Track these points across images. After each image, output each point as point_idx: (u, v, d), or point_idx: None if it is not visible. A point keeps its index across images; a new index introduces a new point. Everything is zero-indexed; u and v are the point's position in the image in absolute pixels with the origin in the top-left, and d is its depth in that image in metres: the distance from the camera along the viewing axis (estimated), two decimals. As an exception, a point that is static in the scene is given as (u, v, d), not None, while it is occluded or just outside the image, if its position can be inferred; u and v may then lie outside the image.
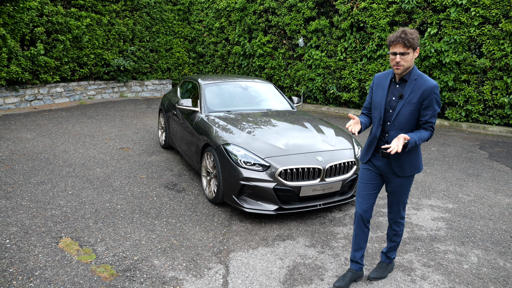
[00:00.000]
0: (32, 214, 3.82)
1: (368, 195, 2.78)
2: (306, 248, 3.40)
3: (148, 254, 3.20)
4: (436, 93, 2.47)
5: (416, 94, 2.49)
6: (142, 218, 3.86)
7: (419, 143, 2.51)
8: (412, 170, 2.65)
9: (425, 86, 2.47)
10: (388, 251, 2.99)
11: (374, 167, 2.77)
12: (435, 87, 2.46)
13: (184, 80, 6.47)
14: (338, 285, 2.81)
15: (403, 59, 2.45)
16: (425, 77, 2.52)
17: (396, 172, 2.65)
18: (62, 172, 5.09)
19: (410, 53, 2.44)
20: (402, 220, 2.88)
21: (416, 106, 2.50)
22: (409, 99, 2.51)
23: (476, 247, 3.50)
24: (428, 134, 2.55)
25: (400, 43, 2.41)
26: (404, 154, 2.60)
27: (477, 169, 5.79)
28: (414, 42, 2.41)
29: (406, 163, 2.63)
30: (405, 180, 2.69)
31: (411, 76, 2.52)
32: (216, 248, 3.35)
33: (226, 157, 3.90)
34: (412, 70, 2.54)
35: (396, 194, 2.76)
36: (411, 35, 2.40)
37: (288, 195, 3.74)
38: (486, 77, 8.33)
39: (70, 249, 3.22)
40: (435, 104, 2.49)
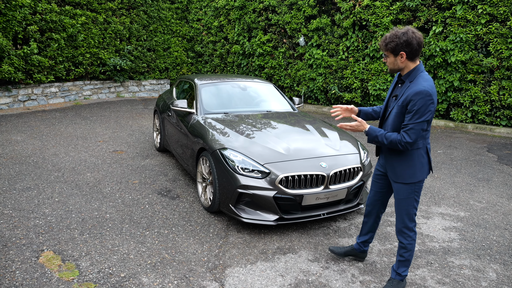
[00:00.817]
0: (14, 224, 3.55)
1: (375, 192, 2.86)
2: (309, 262, 3.12)
3: (136, 270, 2.92)
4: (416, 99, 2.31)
5: (404, 96, 2.42)
6: (132, 228, 3.58)
7: (381, 140, 2.47)
8: (404, 177, 2.53)
9: (412, 90, 2.37)
10: (398, 267, 2.71)
11: (380, 165, 2.78)
12: (419, 93, 2.31)
13: (180, 79, 6.20)
14: (333, 249, 3.12)
15: (387, 60, 2.49)
16: (419, 81, 2.38)
17: (389, 174, 2.63)
18: (50, 177, 4.82)
19: (390, 56, 2.46)
20: (407, 231, 2.62)
21: (401, 110, 2.43)
22: (399, 101, 2.47)
23: (493, 261, 3.23)
24: (396, 136, 2.42)
25: (381, 45, 2.48)
26: (396, 156, 2.55)
27: (487, 173, 5.52)
28: (389, 47, 2.40)
29: (399, 168, 2.55)
30: (402, 186, 2.56)
31: (409, 78, 2.45)
32: (211, 263, 3.07)
33: (223, 163, 3.62)
34: (412, 71, 2.45)
35: (396, 200, 2.64)
36: (388, 39, 2.41)
37: (290, 204, 3.46)
38: (493, 77, 8.06)
39: (51, 264, 2.95)
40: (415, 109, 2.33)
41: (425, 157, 2.52)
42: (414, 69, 2.44)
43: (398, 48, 2.38)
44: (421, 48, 2.40)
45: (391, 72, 2.56)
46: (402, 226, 2.63)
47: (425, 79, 2.38)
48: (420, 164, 2.50)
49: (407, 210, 2.59)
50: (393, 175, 2.59)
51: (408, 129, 2.36)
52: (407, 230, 2.62)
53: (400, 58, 2.42)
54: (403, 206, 2.60)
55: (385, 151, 2.63)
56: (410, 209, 2.59)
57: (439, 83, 8.60)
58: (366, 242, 3.07)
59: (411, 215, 2.60)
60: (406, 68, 2.46)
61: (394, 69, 2.50)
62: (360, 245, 3.08)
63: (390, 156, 2.58)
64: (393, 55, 2.43)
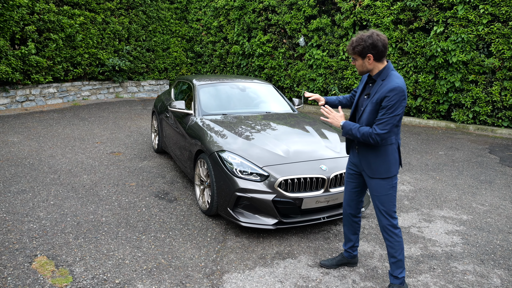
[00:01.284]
0: (7, 228, 3.47)
1: (349, 191, 2.87)
2: (309, 268, 3.05)
3: (131, 276, 2.85)
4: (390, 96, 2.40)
5: (378, 94, 2.50)
6: (128, 232, 3.50)
7: (355, 133, 2.54)
8: (380, 172, 2.59)
9: (385, 88, 2.46)
10: (393, 271, 2.69)
11: (352, 164, 2.81)
12: (393, 90, 2.41)
13: (178, 80, 6.12)
14: (323, 263, 3.03)
15: (355, 63, 2.59)
16: (391, 78, 2.48)
17: (365, 171, 2.65)
18: (46, 179, 4.74)
19: (358, 59, 2.54)
20: (392, 229, 2.63)
21: (375, 107, 2.51)
22: (372, 99, 2.54)
23: (497, 266, 3.15)
24: (367, 130, 2.49)
25: (349, 49, 2.56)
26: (371, 152, 2.60)
27: (489, 175, 5.44)
28: (357, 50, 2.49)
29: (374, 164, 2.60)
30: (379, 182, 2.61)
31: (381, 76, 2.54)
32: (209, 268, 2.99)
33: (221, 165, 3.55)
34: (383, 71, 2.54)
35: (375, 198, 2.66)
36: (354, 43, 2.50)
37: (289, 208, 3.38)
38: (495, 78, 7.98)
39: (44, 270, 2.87)
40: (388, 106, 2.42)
41: (397, 152, 2.62)
42: (384, 68, 2.54)
43: (365, 51, 2.48)
44: (386, 49, 2.50)
45: (361, 74, 2.65)
46: (386, 224, 2.65)
47: (396, 76, 2.49)
48: (394, 159, 2.60)
49: (387, 207, 2.62)
50: (369, 171, 2.64)
51: (381, 123, 2.45)
52: (392, 227, 2.64)
53: (367, 60, 2.52)
54: (383, 203, 2.62)
55: (361, 148, 2.67)
56: (390, 206, 2.62)
57: (440, 83, 8.53)
58: (354, 247, 3.00)
59: (392, 212, 2.63)
60: (375, 68, 2.56)
61: (363, 71, 2.59)
62: (349, 252, 3.02)
63: (366, 153, 2.63)
64: (361, 58, 2.53)
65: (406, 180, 5.21)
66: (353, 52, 2.54)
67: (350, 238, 2.98)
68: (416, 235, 3.66)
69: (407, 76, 9.02)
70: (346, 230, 2.99)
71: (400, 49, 9.11)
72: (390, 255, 2.68)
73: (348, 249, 3.01)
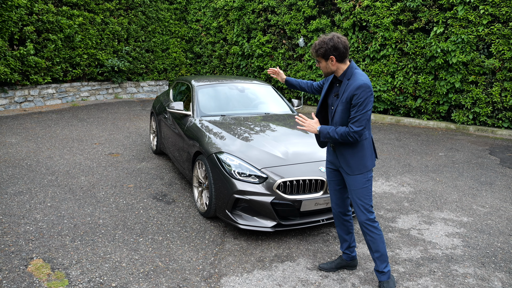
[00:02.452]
0: (3, 231, 3.44)
1: (334, 191, 2.88)
2: (308, 271, 3.01)
3: (128, 279, 2.82)
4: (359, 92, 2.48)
5: (347, 93, 2.56)
6: (125, 235, 3.47)
7: (333, 135, 2.57)
8: (360, 168, 2.65)
9: (353, 86, 2.53)
10: (378, 266, 2.74)
11: (330, 163, 2.86)
12: (360, 87, 2.49)
13: (177, 81, 6.09)
14: (322, 267, 3.02)
15: (319, 65, 2.67)
16: (356, 77, 2.56)
17: (345, 169, 2.69)
18: (43, 181, 4.71)
19: (322, 62, 2.62)
20: (371, 223, 2.69)
21: (346, 105, 2.58)
22: (342, 98, 2.60)
23: (498, 269, 3.12)
24: (344, 130, 2.55)
25: (312, 52, 2.64)
26: (348, 150, 2.65)
27: (489, 177, 5.41)
28: (320, 53, 2.58)
29: (352, 160, 2.65)
30: (355, 178, 2.66)
31: (346, 76, 2.62)
32: (206, 271, 2.96)
33: (219, 167, 3.52)
34: (347, 70, 2.62)
35: (352, 192, 2.71)
36: (317, 46, 2.59)
37: (288, 210, 3.35)
38: (495, 78, 7.95)
39: (40, 273, 2.84)
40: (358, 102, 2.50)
41: (371, 145, 2.71)
42: (348, 68, 2.62)
43: (328, 53, 2.56)
44: (347, 50, 2.58)
45: (326, 76, 2.74)
46: (364, 219, 2.69)
47: (361, 74, 2.57)
48: (370, 153, 2.68)
49: (364, 201, 2.67)
50: (348, 169, 2.68)
51: (355, 121, 2.52)
52: (370, 222, 2.69)
53: (330, 61, 2.59)
54: (361, 196, 2.66)
55: (337, 147, 2.71)
56: (367, 199, 2.68)
57: (440, 84, 8.50)
58: (351, 247, 2.98)
59: (368, 206, 2.68)
60: (339, 69, 2.63)
61: (328, 72, 2.67)
62: (347, 253, 2.99)
63: (343, 151, 2.67)
64: (324, 60, 2.61)
65: (406, 181, 5.18)
66: (316, 55, 2.62)
67: (345, 238, 2.96)
68: (416, 237, 3.63)
69: (407, 77, 8.99)
70: (339, 230, 2.98)
71: (400, 50, 9.08)
72: (374, 250, 2.72)
73: (345, 251, 2.99)
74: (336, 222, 2.97)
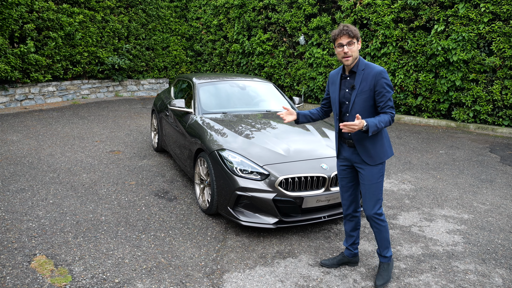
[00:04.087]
0: (6, 227, 3.45)
1: (347, 188, 2.90)
2: (310, 267, 3.03)
3: (131, 275, 2.83)
4: (384, 77, 2.59)
5: (367, 82, 2.61)
6: (127, 231, 3.49)
7: (380, 125, 2.55)
8: (381, 157, 2.70)
9: (373, 73, 2.59)
10: (382, 251, 2.87)
11: (344, 159, 2.86)
12: (382, 72, 2.59)
13: (178, 78, 6.10)
14: (324, 263, 3.03)
15: (350, 49, 2.60)
16: (371, 65, 2.64)
17: (366, 161, 2.69)
18: (45, 178, 4.72)
19: (355, 43, 2.61)
20: (378, 217, 2.76)
21: (369, 94, 2.62)
22: (361, 88, 2.63)
23: (499, 266, 3.13)
24: (388, 116, 2.60)
25: (345, 34, 2.58)
26: (368, 141, 2.67)
27: (490, 174, 5.42)
28: (356, 32, 2.60)
29: (373, 151, 2.68)
30: (374, 168, 2.70)
31: (359, 67, 2.66)
32: (209, 267, 2.98)
33: (221, 164, 3.53)
34: (359, 61, 2.68)
35: (367, 185, 2.73)
36: (352, 26, 2.61)
37: (289, 207, 3.36)
38: (496, 76, 7.96)
39: (43, 269, 2.85)
40: (386, 87, 2.59)
41: (387, 133, 2.78)
42: (360, 58, 2.70)
43: (359, 35, 2.63)
44: None
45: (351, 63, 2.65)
46: (372, 213, 2.74)
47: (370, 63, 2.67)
48: (387, 139, 2.76)
49: (377, 195, 2.72)
50: (369, 159, 2.68)
51: (389, 104, 2.61)
52: (379, 215, 2.75)
53: (359, 45, 2.65)
54: (374, 191, 2.71)
55: (358, 140, 2.69)
56: (379, 193, 2.73)
57: (440, 82, 8.51)
58: (355, 244, 3.02)
59: (379, 200, 2.74)
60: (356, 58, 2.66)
61: (356, 57, 2.65)
62: (350, 249, 3.03)
63: (365, 142, 2.68)
64: (356, 42, 2.63)
65: (407, 179, 5.19)
66: (352, 35, 2.58)
67: (351, 234, 3.00)
68: (417, 234, 3.64)
69: (407, 74, 8.99)
70: (347, 227, 3.01)
71: (400, 48, 9.08)
72: (378, 239, 2.84)
73: (349, 247, 3.02)
74: (345, 219, 3.00)
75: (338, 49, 2.64)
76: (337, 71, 2.86)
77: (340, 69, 2.84)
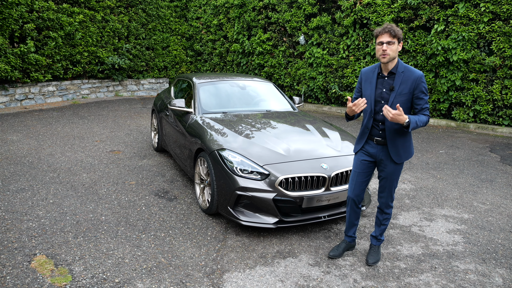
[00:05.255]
0: (6, 227, 3.45)
1: (361, 182, 3.02)
2: (310, 267, 3.03)
3: (131, 275, 2.83)
4: (423, 82, 2.70)
5: (406, 85, 2.70)
6: (127, 231, 3.49)
7: (419, 124, 2.69)
8: (406, 156, 2.86)
9: (414, 77, 2.69)
10: (381, 234, 3.14)
11: (368, 155, 2.95)
12: (422, 77, 2.70)
13: (178, 78, 6.09)
14: (333, 254, 3.16)
15: (389, 48, 2.66)
16: (411, 69, 2.73)
17: (394, 159, 2.82)
18: (45, 178, 4.72)
19: (395, 43, 2.67)
20: (392, 202, 3.06)
21: (408, 96, 2.72)
22: (400, 90, 2.72)
23: (499, 265, 3.13)
24: (426, 118, 2.75)
25: (387, 32, 2.66)
26: (400, 140, 2.80)
27: (490, 174, 5.42)
28: (398, 33, 2.67)
29: (402, 150, 2.82)
30: (399, 166, 2.89)
31: (399, 69, 2.74)
32: (209, 267, 2.98)
33: (221, 164, 3.53)
34: (398, 63, 2.76)
35: (389, 180, 2.92)
36: (396, 27, 2.68)
37: (290, 207, 3.36)
38: (496, 76, 7.96)
39: (43, 269, 2.85)
40: (425, 91, 2.72)
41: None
42: (398, 60, 2.77)
43: (401, 36, 2.70)
44: None
45: (388, 61, 2.70)
46: (390, 201, 3.02)
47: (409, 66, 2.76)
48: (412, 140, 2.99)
49: (394, 188, 2.98)
50: (397, 158, 2.83)
51: (426, 108, 2.73)
52: (392, 201, 3.04)
53: (399, 46, 2.72)
54: (395, 185, 2.96)
55: (391, 138, 2.80)
56: (396, 185, 2.99)
57: (440, 82, 8.51)
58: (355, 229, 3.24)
59: (395, 188, 3.01)
60: (395, 59, 2.75)
61: (394, 57, 2.70)
62: (353, 236, 3.24)
63: (397, 141, 2.80)
64: (397, 42, 2.69)
65: (407, 178, 5.19)
66: (394, 35, 2.64)
67: (355, 223, 3.20)
68: (417, 234, 3.64)
69: (407, 74, 8.98)
70: (352, 217, 3.16)
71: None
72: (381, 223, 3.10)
73: (353, 234, 3.23)
74: (350, 211, 3.15)
75: (378, 46, 2.71)
76: (371, 69, 2.87)
77: (375, 68, 2.85)
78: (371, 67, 2.88)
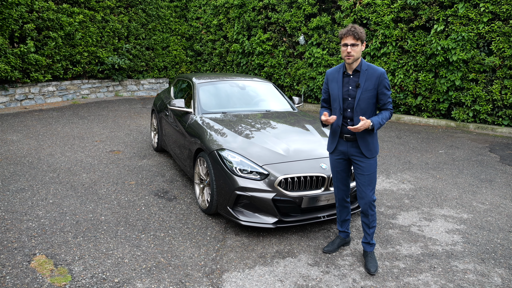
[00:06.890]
0: (6, 227, 3.46)
1: (343, 178, 3.12)
2: (309, 267, 3.03)
3: (131, 275, 2.84)
4: (386, 78, 2.85)
5: (371, 81, 2.84)
6: (127, 231, 3.49)
7: (383, 122, 2.87)
8: (376, 150, 2.97)
9: (377, 74, 2.84)
10: (371, 238, 3.09)
11: (341, 153, 3.04)
12: (384, 73, 2.85)
13: (178, 78, 6.10)
14: (327, 250, 3.23)
15: (353, 50, 2.78)
16: (374, 67, 2.88)
17: (365, 154, 2.92)
18: (45, 178, 4.73)
19: (359, 45, 2.79)
20: (374, 202, 3.01)
21: (373, 92, 2.86)
22: (365, 87, 2.85)
23: (498, 265, 3.14)
24: (388, 113, 2.92)
25: (351, 35, 2.77)
26: (369, 137, 2.91)
27: (489, 174, 5.43)
28: (362, 35, 2.78)
29: (372, 144, 2.93)
30: (371, 160, 2.95)
31: (362, 67, 2.87)
32: (208, 267, 2.98)
33: (220, 164, 3.53)
34: (361, 62, 2.89)
35: (366, 176, 2.95)
36: (359, 29, 2.79)
37: (289, 207, 3.37)
38: (495, 76, 7.96)
39: (43, 269, 2.86)
40: (388, 86, 2.87)
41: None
42: (362, 59, 2.90)
43: (364, 37, 2.81)
44: None
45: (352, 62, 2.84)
46: (370, 201, 2.97)
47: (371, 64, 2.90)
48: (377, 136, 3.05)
49: (374, 183, 2.98)
50: (368, 153, 2.92)
51: (390, 102, 2.91)
52: (374, 202, 2.99)
53: (363, 47, 2.83)
54: (373, 180, 2.97)
55: (360, 134, 2.90)
56: (375, 182, 3.00)
57: (440, 82, 8.51)
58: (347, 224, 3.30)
59: (374, 189, 3.00)
60: (359, 58, 2.86)
61: (358, 57, 2.83)
62: (347, 231, 3.30)
63: (366, 136, 2.91)
64: (361, 43, 2.81)
65: (406, 178, 5.20)
66: (358, 37, 2.76)
67: (346, 219, 3.27)
68: (416, 233, 3.65)
69: (407, 74, 9.00)
70: (343, 213, 3.24)
71: (400, 48, 9.09)
72: (370, 226, 3.04)
73: (346, 229, 3.29)
74: (339, 207, 3.23)
75: (342, 48, 2.84)
76: (336, 69, 3.02)
77: (340, 68, 2.99)
78: (336, 67, 3.03)
